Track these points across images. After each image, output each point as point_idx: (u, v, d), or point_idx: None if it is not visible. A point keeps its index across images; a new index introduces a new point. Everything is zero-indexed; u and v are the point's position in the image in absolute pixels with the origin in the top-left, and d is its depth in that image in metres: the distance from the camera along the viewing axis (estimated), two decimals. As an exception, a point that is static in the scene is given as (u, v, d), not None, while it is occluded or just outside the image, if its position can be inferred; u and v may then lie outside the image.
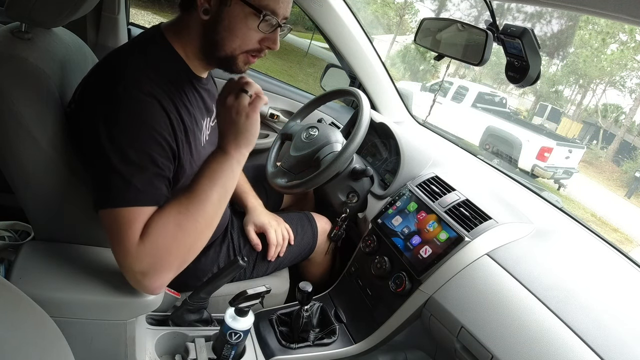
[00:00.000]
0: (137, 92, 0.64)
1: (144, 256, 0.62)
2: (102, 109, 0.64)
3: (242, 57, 0.74)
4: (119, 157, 0.62)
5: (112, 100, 0.64)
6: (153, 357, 0.80)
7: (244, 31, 0.71)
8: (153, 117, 0.65)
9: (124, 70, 0.66)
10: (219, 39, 0.71)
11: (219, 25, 0.70)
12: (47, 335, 0.51)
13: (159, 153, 0.65)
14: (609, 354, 0.67)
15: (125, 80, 0.65)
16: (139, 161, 0.63)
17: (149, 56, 0.70)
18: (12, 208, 0.96)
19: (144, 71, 0.67)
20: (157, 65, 0.69)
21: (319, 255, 1.19)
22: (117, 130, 0.63)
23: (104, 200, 0.63)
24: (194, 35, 0.73)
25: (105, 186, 0.63)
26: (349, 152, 1.04)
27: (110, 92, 0.64)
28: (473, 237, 0.90)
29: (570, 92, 16.07)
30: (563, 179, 7.33)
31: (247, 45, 0.72)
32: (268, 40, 0.73)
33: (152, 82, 0.67)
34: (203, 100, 0.81)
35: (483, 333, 0.77)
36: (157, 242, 0.62)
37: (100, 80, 0.67)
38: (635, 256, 0.96)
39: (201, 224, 0.67)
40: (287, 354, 0.93)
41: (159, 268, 0.63)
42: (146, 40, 0.74)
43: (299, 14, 1.52)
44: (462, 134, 7.52)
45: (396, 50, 16.11)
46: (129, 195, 0.62)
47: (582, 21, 12.99)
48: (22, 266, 0.66)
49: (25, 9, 0.63)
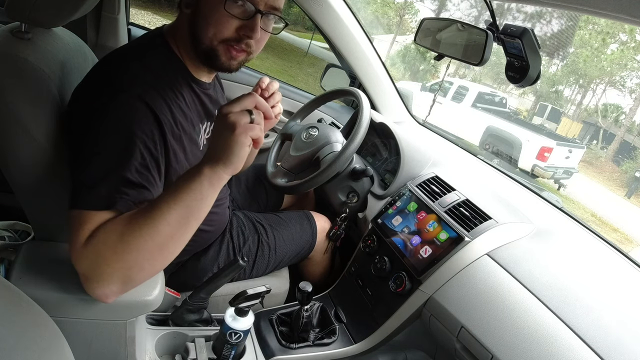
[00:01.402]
0: (127, 96, 0.63)
1: (82, 259, 0.58)
2: (90, 110, 0.64)
3: (222, 49, 0.70)
4: (93, 159, 0.61)
5: (100, 102, 0.63)
6: (153, 357, 0.80)
7: (216, 17, 0.68)
8: (138, 123, 0.63)
9: (118, 73, 0.66)
10: (198, 30, 0.70)
11: (199, 16, 0.69)
12: (47, 335, 0.51)
13: (137, 160, 0.63)
14: (609, 354, 0.67)
15: (116, 84, 0.64)
16: (111, 166, 0.61)
17: (147, 59, 0.69)
18: (12, 208, 0.96)
19: (139, 75, 0.66)
20: (154, 68, 0.69)
21: (319, 254, 1.19)
22: (98, 133, 0.62)
23: (72, 200, 0.61)
24: (184, 32, 0.72)
25: (75, 186, 0.62)
26: (349, 152, 1.04)
27: (99, 94, 0.64)
28: (473, 237, 0.90)
29: (570, 92, 16.08)
30: (563, 179, 7.33)
31: (223, 32, 0.69)
32: (245, 29, 0.69)
33: (146, 85, 0.66)
34: (202, 104, 0.80)
35: (483, 333, 0.77)
36: (97, 248, 0.58)
37: (94, 83, 0.67)
38: (635, 256, 0.96)
39: (149, 243, 0.58)
40: (287, 354, 0.93)
41: (97, 277, 0.59)
42: (146, 43, 0.73)
43: (299, 14, 1.51)
44: (462, 134, 7.52)
45: (396, 50, 16.11)
46: (89, 198, 0.60)
47: (582, 21, 12.99)
48: (22, 266, 0.66)
49: (25, 9, 0.63)
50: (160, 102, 0.67)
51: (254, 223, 1.08)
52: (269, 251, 1.06)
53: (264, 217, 1.12)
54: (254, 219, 1.10)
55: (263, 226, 1.08)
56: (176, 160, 0.72)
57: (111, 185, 0.61)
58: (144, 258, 0.59)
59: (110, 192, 0.61)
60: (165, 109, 0.68)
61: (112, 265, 0.58)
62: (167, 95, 0.69)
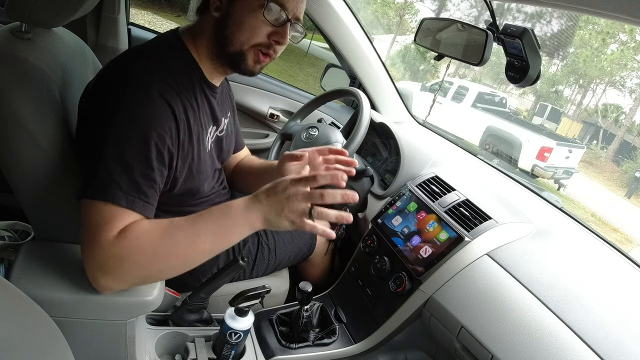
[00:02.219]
0: (147, 93, 0.65)
1: (108, 255, 0.60)
2: (110, 107, 0.65)
3: (252, 53, 0.74)
4: (114, 153, 0.63)
5: (121, 99, 0.64)
6: (153, 357, 0.80)
7: (252, 23, 0.71)
8: (158, 120, 0.65)
9: (137, 71, 0.67)
10: (228, 34, 0.72)
11: (229, 19, 0.72)
12: (47, 335, 0.51)
13: (155, 156, 0.65)
14: (609, 354, 0.67)
15: (136, 82, 0.66)
16: (132, 161, 0.63)
17: (164, 59, 0.71)
18: (12, 208, 0.96)
19: (157, 73, 0.68)
20: (170, 68, 0.70)
21: (318, 256, 1.19)
22: (119, 128, 0.64)
23: (88, 189, 0.63)
24: (207, 35, 0.75)
25: (92, 177, 0.63)
26: (349, 152, 1.04)
27: (120, 92, 0.65)
28: (473, 237, 0.90)
29: (570, 92, 16.08)
30: (563, 179, 7.33)
31: (256, 38, 0.72)
32: (277, 35, 0.73)
33: (164, 83, 0.68)
34: (211, 108, 0.82)
35: (483, 333, 0.77)
36: (128, 250, 0.61)
37: (112, 80, 0.68)
38: (635, 256, 0.96)
39: (177, 260, 0.64)
40: (287, 354, 0.93)
41: (116, 274, 0.62)
42: (163, 44, 0.75)
43: (299, 14, 1.50)
44: (462, 133, 7.52)
45: (396, 50, 16.11)
46: (112, 191, 0.62)
47: (582, 21, 13.00)
48: (22, 266, 0.66)
49: (25, 9, 0.63)
50: (177, 101, 0.69)
51: (254, 224, 1.08)
52: (269, 253, 1.06)
53: (264, 217, 1.12)
54: (254, 219, 1.10)
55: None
56: (184, 160, 0.74)
57: (132, 180, 0.63)
58: (165, 270, 0.65)
59: (129, 187, 0.63)
60: (181, 108, 0.70)
61: (138, 269, 0.62)
62: (183, 95, 0.71)
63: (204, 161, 0.81)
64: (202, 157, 0.79)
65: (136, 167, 0.64)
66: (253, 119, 1.56)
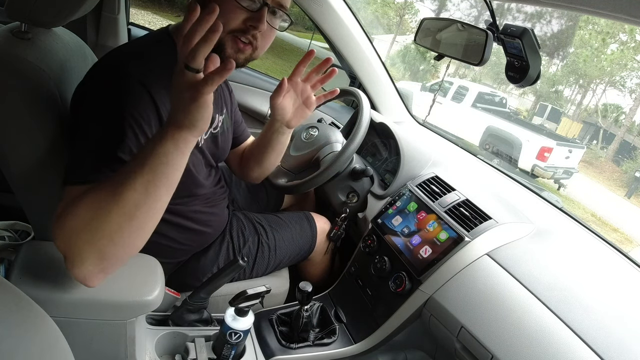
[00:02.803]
0: (126, 79, 0.65)
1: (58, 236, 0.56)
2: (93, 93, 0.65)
3: (230, 40, 0.71)
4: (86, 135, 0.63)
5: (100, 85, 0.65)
6: (153, 357, 0.80)
7: (226, 8, 0.69)
8: (134, 104, 0.65)
9: (121, 61, 0.67)
10: None
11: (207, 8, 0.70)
12: (47, 335, 0.51)
13: (130, 140, 0.64)
14: (609, 354, 0.67)
15: (118, 70, 0.66)
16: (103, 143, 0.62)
17: (152, 54, 0.71)
18: (12, 208, 0.96)
19: (142, 63, 0.68)
20: (158, 61, 0.70)
21: (318, 255, 1.19)
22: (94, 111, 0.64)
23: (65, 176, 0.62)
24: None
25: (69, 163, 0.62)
26: (349, 152, 1.04)
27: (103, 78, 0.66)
28: (473, 237, 0.90)
29: (570, 92, 16.08)
30: (563, 179, 7.33)
31: (230, 23, 0.70)
32: (252, 20, 0.71)
33: (149, 72, 0.68)
34: None
35: (483, 333, 0.77)
36: (68, 222, 0.55)
37: (96, 75, 0.69)
38: (635, 256, 0.96)
39: (117, 214, 0.55)
40: (287, 354, 0.93)
41: (72, 254, 0.56)
42: (151, 39, 0.75)
43: (299, 14, 1.52)
44: (462, 133, 7.52)
45: (396, 50, 16.11)
46: (75, 173, 0.60)
47: (582, 21, 13.00)
48: (22, 266, 0.66)
49: (25, 9, 0.63)
50: (161, 92, 0.68)
51: (254, 224, 1.08)
52: (269, 252, 1.06)
53: (264, 217, 1.12)
54: (254, 219, 1.10)
55: (263, 227, 1.08)
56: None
57: (100, 160, 0.61)
58: (112, 229, 0.56)
59: (96, 166, 0.61)
60: (166, 100, 0.69)
61: (82, 238, 0.55)
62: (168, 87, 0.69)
63: (196, 158, 0.81)
64: (194, 152, 0.78)
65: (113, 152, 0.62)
66: (253, 119, 1.56)
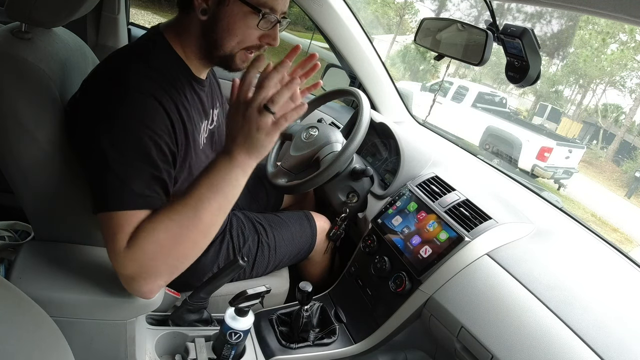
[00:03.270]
0: (138, 95, 0.64)
1: (129, 262, 0.61)
2: (103, 110, 0.64)
3: (241, 55, 0.74)
4: (117, 159, 0.62)
5: (113, 102, 0.63)
6: (153, 357, 0.80)
7: (243, 30, 0.71)
8: (154, 119, 0.65)
9: (126, 73, 0.66)
10: (217, 39, 0.71)
11: (218, 25, 0.70)
12: (47, 335, 0.51)
13: (158, 156, 0.64)
14: (609, 354, 0.67)
15: (127, 83, 0.65)
16: (137, 164, 0.63)
17: (150, 58, 0.70)
18: (12, 208, 0.96)
19: (146, 73, 0.67)
20: (158, 67, 0.69)
21: (318, 255, 1.19)
22: (117, 133, 0.62)
23: (100, 202, 0.62)
24: (193, 35, 0.73)
25: (101, 188, 0.62)
26: (349, 152, 1.04)
27: (111, 94, 0.64)
28: (473, 237, 0.90)
29: (570, 92, 16.07)
30: (563, 179, 7.32)
31: (246, 42, 0.73)
32: (268, 37, 0.73)
33: (154, 83, 0.67)
34: (202, 103, 0.81)
35: (483, 333, 0.77)
36: (144, 248, 0.60)
37: (101, 83, 0.67)
38: (635, 256, 0.96)
39: (195, 234, 0.63)
40: (287, 354, 0.93)
41: (145, 275, 0.62)
42: (147, 42, 0.73)
43: (299, 14, 1.52)
44: (462, 133, 7.52)
45: (396, 50, 16.10)
46: (124, 198, 0.61)
47: (582, 21, 12.99)
48: (22, 266, 0.66)
49: (25, 9, 0.63)
50: (168, 100, 0.68)
51: (254, 223, 1.08)
52: (269, 251, 1.06)
53: (263, 217, 1.12)
54: (254, 219, 1.10)
55: (263, 226, 1.08)
56: (183, 159, 0.74)
57: (141, 183, 0.62)
58: (190, 248, 0.64)
59: (142, 189, 0.62)
60: (173, 107, 0.69)
61: (163, 261, 0.62)
62: (173, 94, 0.70)
63: (200, 159, 0.80)
64: (198, 154, 0.79)
65: (143, 169, 0.63)
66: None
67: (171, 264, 0.64)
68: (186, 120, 0.72)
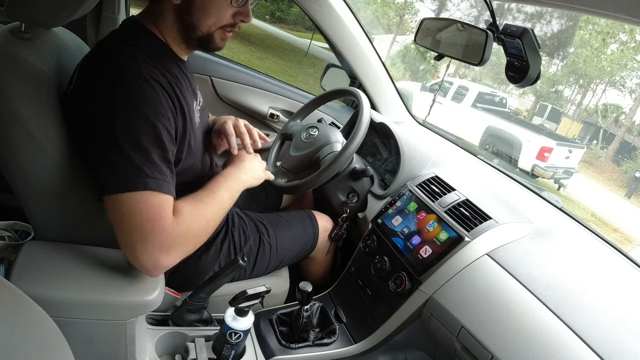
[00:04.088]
0: (137, 78, 0.66)
1: (177, 236, 0.67)
2: (108, 98, 0.65)
3: (219, 34, 0.77)
4: (128, 142, 0.64)
5: (115, 89, 0.65)
6: (153, 357, 0.80)
7: (217, 8, 0.73)
8: (159, 101, 0.67)
9: (121, 58, 0.67)
10: (194, 20, 0.74)
11: (192, 6, 0.73)
12: (47, 335, 0.51)
13: (166, 138, 0.67)
14: (609, 354, 0.67)
15: (124, 69, 0.66)
16: (148, 145, 0.65)
17: (139, 44, 0.71)
18: (12, 208, 0.96)
19: (140, 57, 0.69)
20: (149, 52, 0.71)
21: (320, 254, 1.19)
22: (126, 117, 0.64)
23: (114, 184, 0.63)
24: (169, 21, 0.75)
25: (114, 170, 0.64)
26: (349, 152, 1.04)
27: (111, 82, 0.65)
28: (473, 237, 0.90)
29: (570, 92, 16.07)
30: (563, 179, 7.32)
31: (222, 21, 0.75)
32: (241, 14, 0.76)
33: (150, 66, 0.69)
34: (190, 83, 0.84)
35: (483, 333, 0.77)
36: (190, 224, 0.69)
37: (100, 71, 0.68)
38: (635, 256, 0.96)
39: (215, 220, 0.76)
40: (287, 354, 0.93)
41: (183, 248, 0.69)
42: (129, 32, 0.75)
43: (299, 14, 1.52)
44: (462, 133, 7.52)
45: (396, 50, 16.10)
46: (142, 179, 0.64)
47: (582, 21, 12.99)
48: (22, 266, 0.66)
49: (25, 9, 0.63)
50: (165, 81, 0.70)
51: (255, 222, 1.08)
52: (270, 251, 1.06)
53: (265, 216, 1.12)
54: (255, 218, 1.10)
55: (264, 226, 1.08)
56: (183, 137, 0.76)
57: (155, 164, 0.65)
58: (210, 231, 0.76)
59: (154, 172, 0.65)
60: (169, 88, 0.71)
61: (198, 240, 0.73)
62: (167, 75, 0.72)
63: (197, 137, 0.84)
64: (195, 133, 0.82)
65: (154, 151, 0.66)
66: (253, 119, 1.56)
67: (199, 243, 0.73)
68: (182, 99, 0.75)
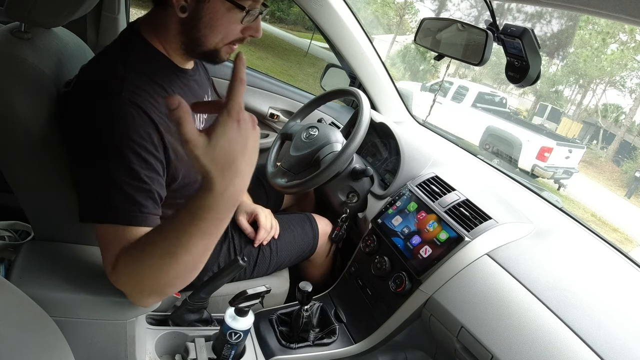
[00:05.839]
0: (118, 103, 0.62)
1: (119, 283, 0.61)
2: (85, 118, 0.63)
3: (225, 49, 0.73)
4: (99, 171, 0.61)
5: (94, 110, 0.62)
6: (153, 357, 0.80)
7: (226, 26, 0.69)
8: (136, 130, 0.62)
9: (106, 78, 0.64)
10: (200, 36, 0.70)
11: (199, 22, 0.68)
12: (47, 335, 0.51)
13: (140, 167, 0.62)
14: (609, 354, 0.67)
15: (105, 89, 0.63)
16: (119, 176, 0.61)
17: (130, 60, 0.68)
18: (12, 208, 0.96)
19: (126, 77, 0.65)
20: (140, 68, 0.68)
21: (320, 257, 1.19)
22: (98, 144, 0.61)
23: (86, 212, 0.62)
24: (172, 32, 0.71)
25: (86, 199, 0.62)
26: (349, 152, 1.04)
27: (91, 102, 0.63)
28: (473, 237, 0.90)
29: (570, 92, 16.07)
30: (563, 179, 7.33)
31: (230, 37, 0.71)
32: (250, 30, 0.72)
33: (135, 87, 0.65)
34: (193, 93, 0.80)
35: (483, 333, 0.77)
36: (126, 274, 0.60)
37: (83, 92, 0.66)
38: (635, 256, 0.96)
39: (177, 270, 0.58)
40: (287, 354, 0.93)
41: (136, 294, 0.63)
42: (125, 44, 0.72)
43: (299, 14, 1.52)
44: (462, 133, 7.52)
45: (396, 50, 16.11)
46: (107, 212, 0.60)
47: (582, 21, 13.00)
48: (22, 266, 0.66)
49: (25, 9, 0.63)
50: (151, 103, 0.66)
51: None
52: (270, 253, 1.06)
53: (265, 218, 1.12)
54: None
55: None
56: (177, 157, 0.72)
57: (126, 196, 0.60)
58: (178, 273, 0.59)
59: (123, 203, 0.60)
60: (157, 107, 0.67)
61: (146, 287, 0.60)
62: (157, 93, 0.68)
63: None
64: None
65: (125, 182, 0.61)
66: (253, 119, 1.56)
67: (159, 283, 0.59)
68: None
